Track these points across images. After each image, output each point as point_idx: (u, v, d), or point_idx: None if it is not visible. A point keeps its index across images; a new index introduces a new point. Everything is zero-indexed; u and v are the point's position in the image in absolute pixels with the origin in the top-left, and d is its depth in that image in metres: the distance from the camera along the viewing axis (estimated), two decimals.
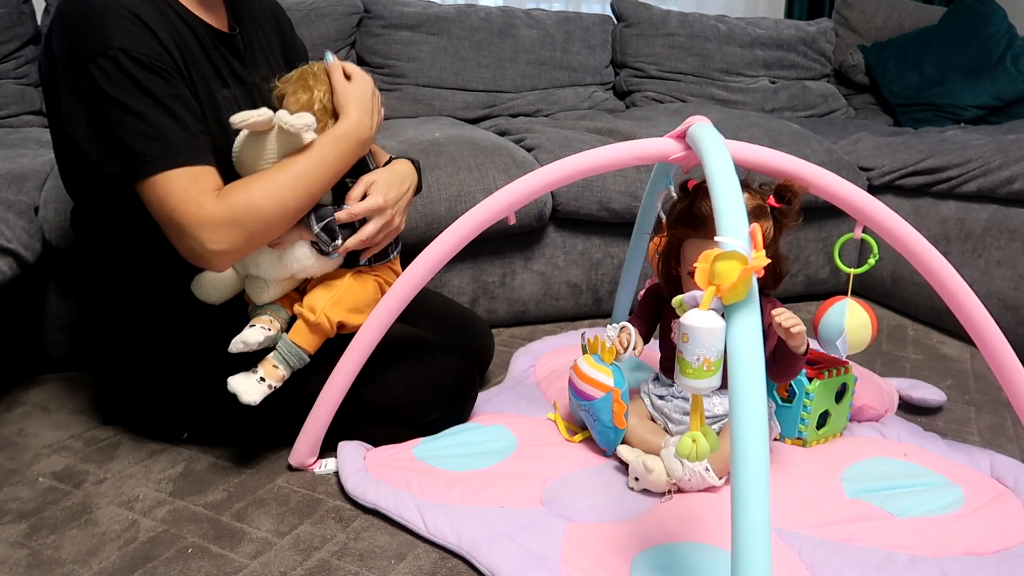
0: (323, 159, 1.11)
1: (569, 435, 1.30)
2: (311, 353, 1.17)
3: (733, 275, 0.82)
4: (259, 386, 1.13)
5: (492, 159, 1.75)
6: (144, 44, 1.01)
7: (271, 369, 1.14)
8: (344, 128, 1.14)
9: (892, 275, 2.01)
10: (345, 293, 1.19)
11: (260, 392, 1.13)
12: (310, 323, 1.16)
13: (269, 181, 1.08)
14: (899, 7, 3.01)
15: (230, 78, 1.17)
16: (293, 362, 1.16)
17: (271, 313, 1.18)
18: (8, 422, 1.36)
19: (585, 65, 2.60)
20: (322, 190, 1.13)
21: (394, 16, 2.36)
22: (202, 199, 1.03)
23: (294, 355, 1.16)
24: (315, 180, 1.11)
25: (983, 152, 1.86)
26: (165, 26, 1.06)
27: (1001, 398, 1.52)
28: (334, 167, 1.13)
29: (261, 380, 1.13)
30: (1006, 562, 1.01)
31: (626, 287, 1.59)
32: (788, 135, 2.04)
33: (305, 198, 1.11)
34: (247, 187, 1.07)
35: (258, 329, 1.14)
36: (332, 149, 1.12)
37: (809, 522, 1.08)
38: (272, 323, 1.16)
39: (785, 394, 1.28)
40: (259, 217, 1.06)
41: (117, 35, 0.99)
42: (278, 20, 1.35)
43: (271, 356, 1.15)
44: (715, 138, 1.03)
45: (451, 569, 1.00)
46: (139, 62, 1.00)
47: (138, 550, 1.02)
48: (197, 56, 1.11)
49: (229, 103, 1.14)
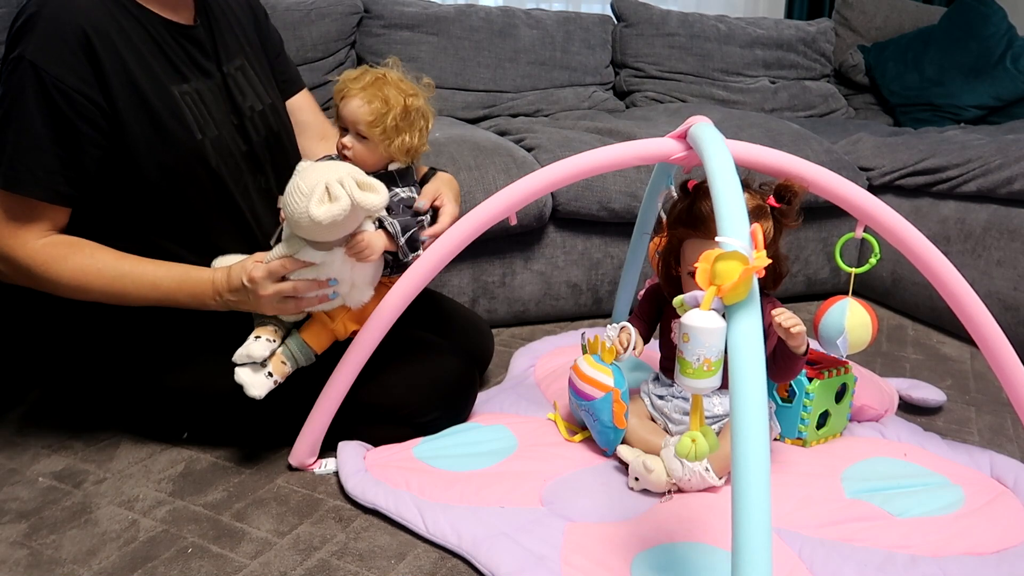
0: (157, 284, 1.09)
1: (569, 435, 1.30)
2: (319, 354, 1.18)
3: (734, 275, 0.82)
4: (266, 381, 1.13)
5: (492, 159, 1.75)
6: (60, 62, 1.00)
7: (279, 365, 1.14)
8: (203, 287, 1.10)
9: (892, 275, 2.01)
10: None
11: (266, 387, 1.13)
12: (327, 329, 1.17)
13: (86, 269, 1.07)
14: (899, 7, 3.01)
15: (193, 72, 1.15)
16: (301, 360, 1.16)
17: (275, 323, 1.17)
18: (8, 422, 1.36)
19: (585, 65, 2.60)
20: (132, 303, 1.11)
21: (394, 16, 2.36)
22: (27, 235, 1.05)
23: (303, 354, 1.16)
24: (134, 296, 1.10)
25: (983, 152, 1.86)
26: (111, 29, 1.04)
27: (1001, 398, 1.52)
28: (157, 298, 1.10)
29: (269, 375, 1.13)
30: (1006, 562, 1.01)
31: (626, 287, 1.59)
32: (788, 135, 2.04)
33: (112, 300, 1.10)
34: (64, 260, 1.07)
35: (263, 342, 1.13)
36: (174, 284, 1.10)
37: (809, 522, 1.08)
38: (276, 333, 1.16)
39: (785, 394, 1.28)
40: (55, 289, 1.09)
41: (36, 46, 1.00)
42: (252, 9, 1.34)
43: (280, 352, 1.15)
44: (716, 138, 1.03)
45: (451, 569, 1.00)
46: (40, 80, 1.00)
47: (138, 550, 1.02)
48: (148, 55, 1.09)
49: (191, 98, 1.13)
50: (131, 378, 1.24)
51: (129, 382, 1.25)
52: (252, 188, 1.23)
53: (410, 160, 1.21)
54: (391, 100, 1.13)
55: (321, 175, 1.01)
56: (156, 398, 1.26)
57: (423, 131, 1.20)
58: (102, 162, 1.08)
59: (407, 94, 1.16)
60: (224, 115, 1.18)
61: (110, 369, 1.25)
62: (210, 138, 1.14)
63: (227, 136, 1.18)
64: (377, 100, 1.13)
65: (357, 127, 1.15)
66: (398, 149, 1.17)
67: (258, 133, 1.24)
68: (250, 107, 1.23)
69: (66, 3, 1.02)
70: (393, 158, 1.19)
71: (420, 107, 1.18)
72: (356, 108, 1.14)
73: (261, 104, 1.26)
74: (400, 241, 1.14)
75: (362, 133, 1.15)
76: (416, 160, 1.24)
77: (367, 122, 1.14)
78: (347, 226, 1.04)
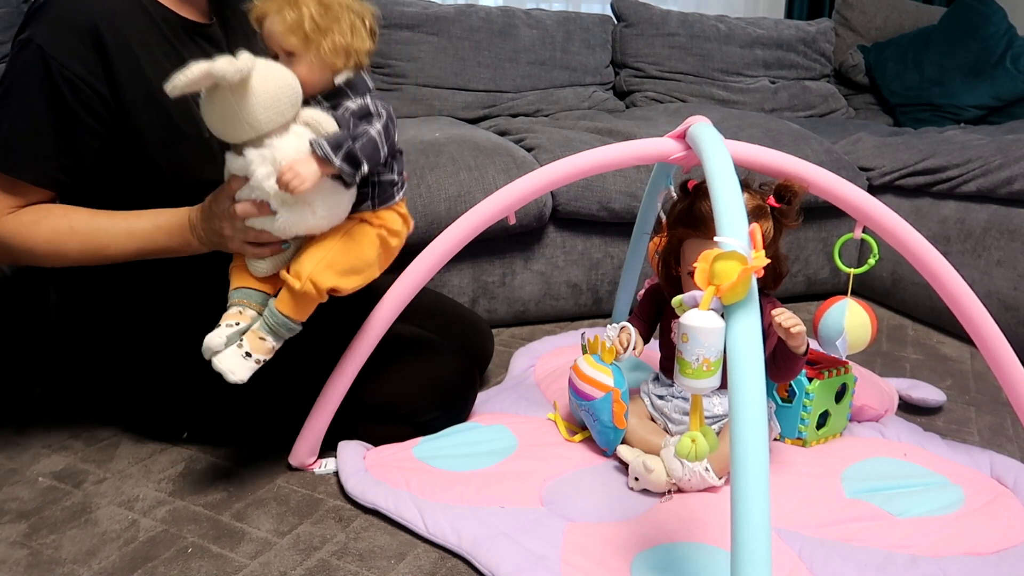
0: (131, 231, 1.06)
1: (569, 435, 1.30)
2: (301, 321, 1.06)
3: (733, 275, 0.82)
4: (245, 362, 1.02)
5: (492, 159, 1.75)
6: (67, 50, 1.01)
7: (257, 342, 1.04)
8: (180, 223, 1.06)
9: (892, 275, 2.01)
10: (338, 253, 1.06)
11: (248, 369, 1.03)
12: (295, 292, 1.03)
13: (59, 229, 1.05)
14: (899, 7, 3.01)
15: None
16: (282, 332, 1.05)
17: (239, 302, 1.07)
18: (8, 422, 1.36)
19: (585, 65, 2.60)
20: (112, 259, 1.08)
21: (394, 16, 2.36)
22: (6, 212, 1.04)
23: (282, 325, 1.04)
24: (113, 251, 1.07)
25: (983, 152, 1.86)
26: (124, 24, 1.04)
27: (1001, 398, 1.52)
28: (136, 246, 1.07)
29: (247, 356, 1.03)
30: (1006, 562, 1.01)
31: (626, 287, 1.59)
32: (788, 135, 2.04)
33: (91, 259, 1.07)
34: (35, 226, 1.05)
35: (221, 331, 1.03)
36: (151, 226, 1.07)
37: (809, 522, 1.08)
38: (241, 314, 1.05)
39: (785, 394, 1.28)
40: (32, 258, 1.07)
41: (45, 32, 1.00)
42: None
43: (257, 327, 1.05)
44: (715, 138, 1.03)
45: (451, 569, 1.00)
46: (46, 66, 1.00)
47: (138, 550, 1.02)
48: (159, 52, 1.08)
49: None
50: (133, 372, 1.24)
51: (131, 376, 1.25)
52: None
53: (353, 64, 1.04)
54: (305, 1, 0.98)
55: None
56: (157, 393, 1.26)
57: (355, 26, 1.02)
58: (101, 154, 1.07)
59: None
60: None
61: (113, 362, 1.25)
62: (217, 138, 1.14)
63: None
64: (286, 5, 0.99)
65: (281, 46, 1.00)
66: (331, 53, 1.00)
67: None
68: None
69: None
70: (335, 68, 1.02)
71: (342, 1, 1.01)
72: (271, 25, 0.99)
73: None
74: (333, 160, 0.97)
75: (287, 50, 1.00)
76: (364, 64, 1.06)
77: (284, 33, 0.99)
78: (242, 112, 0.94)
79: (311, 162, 0.97)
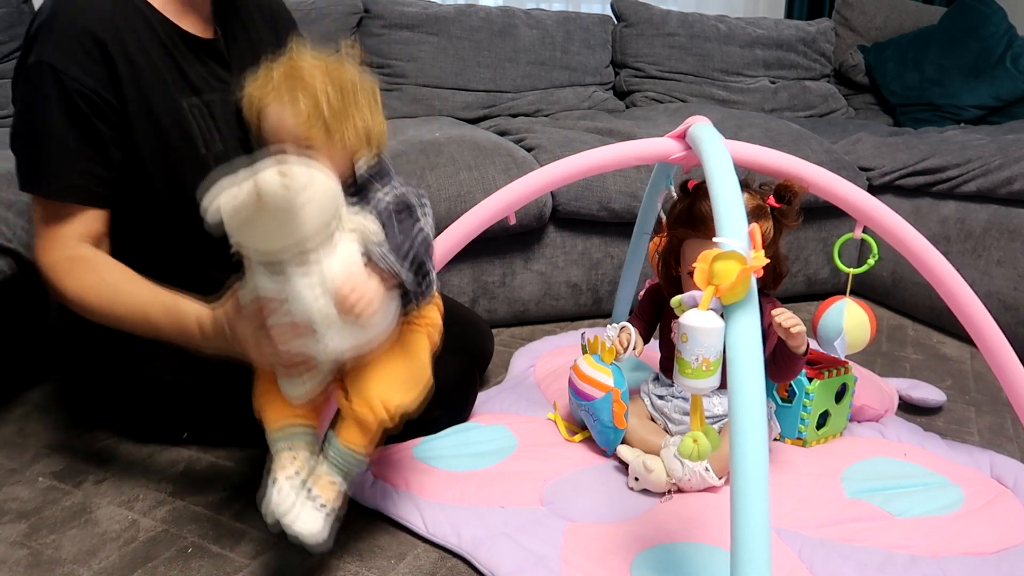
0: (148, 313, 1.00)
1: (569, 435, 1.30)
2: (368, 454, 0.93)
3: (732, 275, 0.82)
4: (318, 514, 0.88)
5: (492, 159, 1.75)
6: (78, 65, 1.00)
7: (329, 488, 0.90)
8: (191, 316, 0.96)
9: (892, 275, 2.01)
10: (399, 367, 0.94)
11: (325, 522, 0.88)
12: (368, 422, 0.90)
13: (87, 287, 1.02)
14: (899, 7, 3.01)
15: (205, 85, 1.13)
16: (353, 470, 0.92)
17: (290, 443, 0.92)
18: (8, 422, 1.36)
19: (585, 65, 2.60)
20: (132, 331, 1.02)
21: (394, 16, 2.36)
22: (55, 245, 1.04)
23: (354, 463, 0.91)
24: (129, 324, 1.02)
25: (983, 152, 1.86)
26: (126, 36, 1.04)
27: (1001, 398, 1.52)
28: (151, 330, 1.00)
29: (321, 507, 0.88)
30: (1006, 562, 1.01)
31: (626, 287, 1.59)
32: (788, 135, 2.04)
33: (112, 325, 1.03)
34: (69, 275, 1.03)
35: (283, 486, 0.87)
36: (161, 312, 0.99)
37: (809, 522, 1.08)
38: (295, 459, 0.90)
39: (785, 394, 1.28)
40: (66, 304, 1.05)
41: (54, 50, 0.99)
42: (276, 22, 1.30)
43: (324, 471, 0.90)
44: (715, 138, 1.04)
45: (451, 569, 1.00)
46: (61, 84, 0.99)
47: (138, 550, 1.02)
48: (160, 65, 1.08)
49: (200, 111, 1.12)
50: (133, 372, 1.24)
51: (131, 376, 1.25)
52: None
53: (376, 149, 0.93)
54: (316, 85, 0.86)
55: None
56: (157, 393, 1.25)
57: (372, 105, 0.90)
58: (122, 164, 1.08)
59: (330, 69, 0.88)
60: (231, 128, 1.17)
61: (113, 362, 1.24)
62: (214, 153, 1.13)
63: (231, 151, 1.16)
64: (295, 92, 0.86)
65: (295, 140, 0.87)
66: (355, 140, 0.89)
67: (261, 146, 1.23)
68: None
69: (83, 8, 1.02)
70: (355, 155, 0.91)
71: (353, 78, 0.89)
72: (279, 117, 0.87)
73: None
74: (400, 273, 0.86)
75: (302, 143, 0.87)
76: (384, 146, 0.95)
77: (299, 126, 0.86)
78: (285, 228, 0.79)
79: (373, 278, 0.85)
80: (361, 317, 0.83)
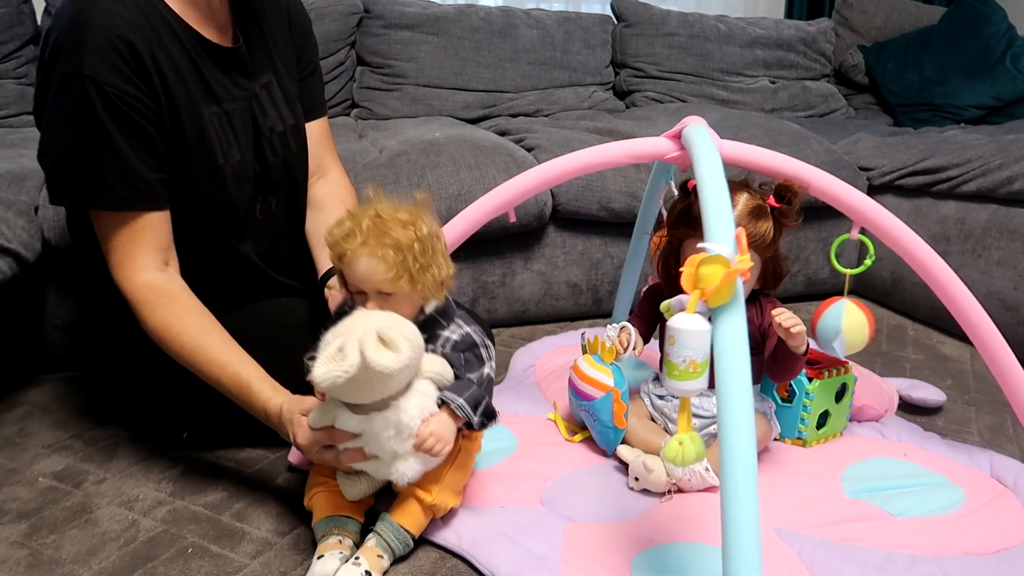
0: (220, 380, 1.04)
1: (569, 435, 1.30)
2: (417, 537, 1.02)
3: (716, 279, 0.84)
4: (358, 569, 0.95)
5: (492, 159, 1.75)
6: (117, 73, 0.99)
7: (376, 560, 0.97)
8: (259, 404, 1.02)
9: (892, 275, 2.01)
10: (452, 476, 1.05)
11: None
12: (425, 505, 1.01)
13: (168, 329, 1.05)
14: (899, 7, 3.01)
15: (226, 93, 1.13)
16: (399, 548, 0.99)
17: (335, 531, 1.00)
18: (8, 422, 1.36)
19: (585, 65, 2.60)
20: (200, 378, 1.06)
21: (394, 16, 2.36)
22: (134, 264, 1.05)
23: (401, 541, 0.99)
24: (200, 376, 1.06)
25: (983, 152, 1.86)
26: (153, 42, 1.04)
27: (1001, 398, 1.52)
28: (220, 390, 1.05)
29: (366, 573, 0.95)
30: (1006, 562, 1.01)
31: (626, 287, 1.59)
32: (788, 135, 2.04)
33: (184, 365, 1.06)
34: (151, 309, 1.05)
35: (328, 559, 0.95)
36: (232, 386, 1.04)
37: (809, 522, 1.08)
38: (341, 543, 0.98)
39: (785, 394, 1.28)
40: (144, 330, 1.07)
41: (91, 60, 0.98)
42: (291, 25, 1.30)
43: (374, 544, 0.98)
44: (707, 141, 1.04)
45: (451, 569, 1.00)
46: (103, 93, 0.99)
47: (138, 550, 1.02)
48: (185, 73, 1.08)
49: (219, 120, 1.12)
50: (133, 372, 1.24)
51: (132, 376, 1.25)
52: (258, 210, 1.22)
53: (445, 292, 1.00)
54: (402, 241, 0.92)
55: (348, 328, 0.87)
56: (157, 393, 1.25)
57: (444, 253, 0.99)
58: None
59: (412, 224, 0.95)
60: (248, 136, 1.17)
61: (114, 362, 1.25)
62: (232, 163, 1.14)
63: (247, 159, 1.17)
64: (387, 249, 0.92)
65: (378, 288, 0.94)
66: (431, 289, 0.96)
67: (275, 154, 1.22)
68: (270, 127, 1.21)
69: (112, 16, 1.00)
70: (427, 299, 0.99)
71: (431, 230, 0.96)
72: (368, 270, 0.93)
73: (283, 124, 1.23)
74: (473, 420, 0.97)
75: (385, 291, 0.94)
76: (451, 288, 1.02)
77: (387, 280, 0.93)
78: (379, 388, 0.89)
79: (449, 422, 0.95)
80: (435, 456, 0.94)
